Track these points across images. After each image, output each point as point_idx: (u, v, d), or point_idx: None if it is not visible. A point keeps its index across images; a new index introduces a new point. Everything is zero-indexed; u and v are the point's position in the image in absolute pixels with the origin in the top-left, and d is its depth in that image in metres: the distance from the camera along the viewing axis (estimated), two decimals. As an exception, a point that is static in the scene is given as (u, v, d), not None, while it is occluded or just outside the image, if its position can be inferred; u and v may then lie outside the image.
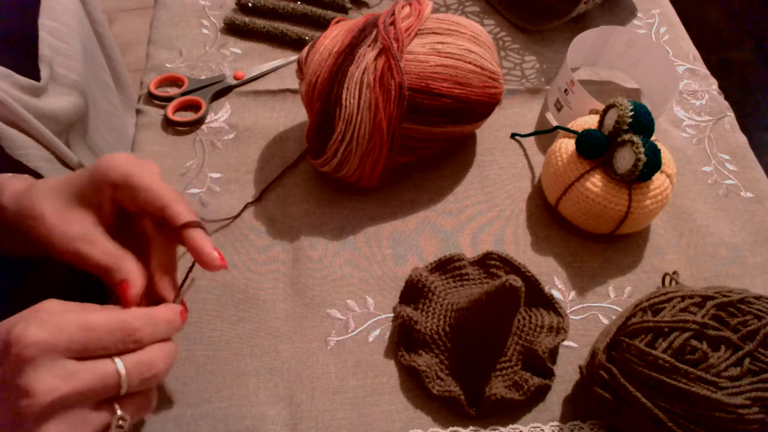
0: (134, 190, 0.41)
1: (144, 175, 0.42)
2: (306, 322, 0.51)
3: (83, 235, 0.41)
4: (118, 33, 1.70)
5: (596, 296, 0.54)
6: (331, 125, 0.52)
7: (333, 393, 0.48)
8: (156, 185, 0.42)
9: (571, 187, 0.54)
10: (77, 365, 0.33)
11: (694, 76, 0.70)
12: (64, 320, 0.33)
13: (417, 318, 0.49)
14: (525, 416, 0.47)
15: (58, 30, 0.61)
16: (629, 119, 0.51)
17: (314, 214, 0.57)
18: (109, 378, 0.34)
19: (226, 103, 0.64)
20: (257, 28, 0.69)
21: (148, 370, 0.36)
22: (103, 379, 0.34)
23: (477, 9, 0.75)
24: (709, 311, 0.43)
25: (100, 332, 0.34)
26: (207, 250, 0.42)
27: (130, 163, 0.42)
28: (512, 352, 0.48)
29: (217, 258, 0.42)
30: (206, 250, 0.42)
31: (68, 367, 0.33)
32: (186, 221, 0.42)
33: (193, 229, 0.42)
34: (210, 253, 0.42)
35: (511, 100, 0.66)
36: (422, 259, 0.55)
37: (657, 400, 0.41)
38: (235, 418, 0.46)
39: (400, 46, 0.52)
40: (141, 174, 0.42)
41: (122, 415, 0.36)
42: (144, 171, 0.42)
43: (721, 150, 0.64)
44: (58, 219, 0.41)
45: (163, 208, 0.42)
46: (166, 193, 0.42)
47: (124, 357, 0.35)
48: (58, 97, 0.59)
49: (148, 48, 0.68)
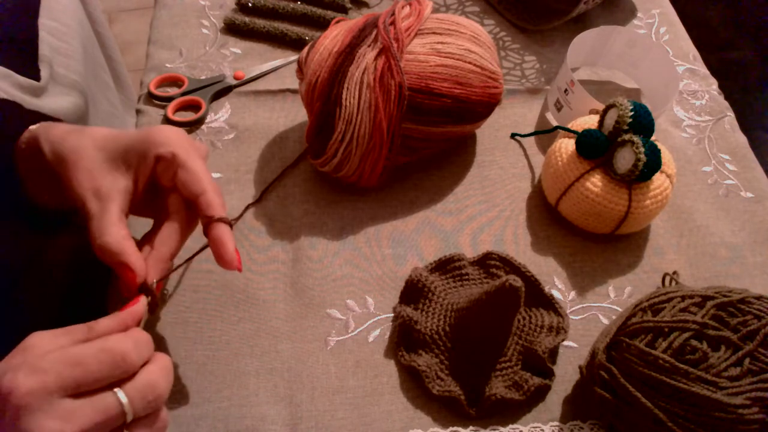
0: (177, 168, 0.42)
1: (191, 156, 0.42)
2: (306, 322, 0.51)
3: (99, 189, 0.41)
4: (118, 33, 1.70)
5: (596, 296, 0.54)
6: (331, 125, 0.52)
7: (333, 393, 0.48)
8: (199, 170, 0.42)
9: (571, 187, 0.54)
10: (76, 403, 0.32)
11: (694, 76, 0.70)
12: (51, 360, 0.32)
13: (417, 318, 0.49)
14: (525, 416, 0.47)
15: (58, 30, 0.61)
16: (629, 119, 0.51)
17: (314, 214, 0.57)
18: (112, 409, 0.33)
19: (226, 103, 0.64)
20: (257, 28, 0.69)
21: (151, 392, 0.35)
22: (106, 412, 0.33)
23: (477, 9, 0.75)
24: (709, 311, 0.43)
25: (89, 365, 0.33)
26: (229, 249, 0.42)
27: (181, 140, 0.43)
28: (512, 352, 0.48)
29: (235, 259, 0.42)
30: (228, 248, 0.42)
31: (67, 407, 0.32)
32: (218, 215, 0.42)
33: (221, 224, 0.42)
34: (231, 252, 0.42)
35: (511, 100, 0.66)
36: (422, 259, 0.55)
37: (657, 400, 0.41)
38: (235, 418, 0.46)
39: (400, 46, 0.52)
40: (188, 154, 0.42)
41: None
42: (191, 152, 0.43)
43: (721, 150, 0.64)
44: (87, 167, 0.41)
45: (200, 195, 0.42)
46: (206, 180, 0.42)
47: (124, 385, 0.34)
48: (58, 97, 0.59)
49: (148, 48, 0.68)
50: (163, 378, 0.36)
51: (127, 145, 0.43)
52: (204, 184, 0.42)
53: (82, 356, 0.33)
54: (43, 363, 0.32)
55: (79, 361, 0.33)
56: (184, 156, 0.42)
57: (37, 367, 0.32)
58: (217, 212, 0.42)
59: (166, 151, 0.42)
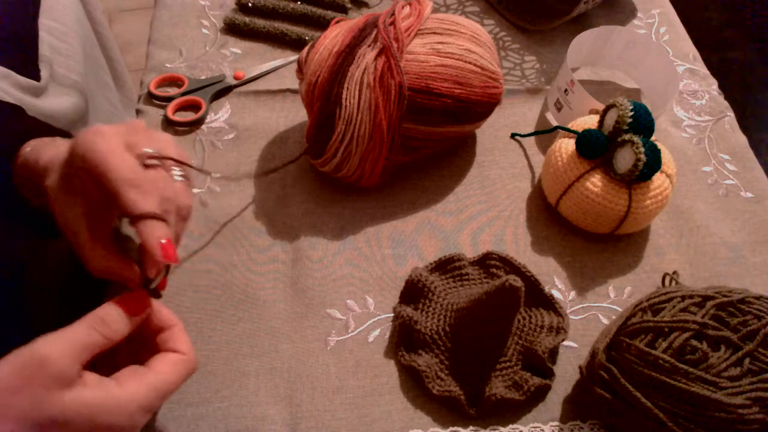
0: (89, 170, 0.36)
1: (101, 152, 0.35)
2: (306, 322, 0.51)
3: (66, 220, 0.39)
4: (118, 33, 1.70)
5: (596, 296, 0.54)
6: (331, 125, 0.52)
7: (333, 393, 0.48)
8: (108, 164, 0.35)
9: (571, 187, 0.54)
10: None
11: (694, 76, 0.70)
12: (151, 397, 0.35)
13: (417, 318, 0.49)
14: (525, 416, 0.47)
15: (58, 30, 0.61)
16: (629, 119, 0.51)
17: (314, 214, 0.57)
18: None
19: (226, 103, 0.64)
20: (257, 28, 0.69)
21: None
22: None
23: (477, 9, 0.75)
24: (709, 311, 0.43)
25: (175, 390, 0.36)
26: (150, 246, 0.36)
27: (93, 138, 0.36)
28: (512, 352, 0.48)
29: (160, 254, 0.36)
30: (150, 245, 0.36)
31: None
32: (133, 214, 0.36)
33: (144, 221, 0.36)
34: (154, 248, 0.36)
35: (511, 100, 0.66)
36: (422, 259, 0.55)
37: (657, 400, 0.41)
38: (235, 418, 0.46)
39: (400, 46, 0.52)
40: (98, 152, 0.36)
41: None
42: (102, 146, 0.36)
43: (721, 150, 0.64)
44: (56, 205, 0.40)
45: (115, 195, 0.36)
46: (118, 174, 0.35)
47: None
48: (58, 97, 0.59)
49: (148, 48, 0.68)
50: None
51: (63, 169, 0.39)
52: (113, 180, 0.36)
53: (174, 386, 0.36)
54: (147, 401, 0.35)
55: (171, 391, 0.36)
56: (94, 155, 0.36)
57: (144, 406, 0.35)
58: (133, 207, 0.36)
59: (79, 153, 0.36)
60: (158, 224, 0.37)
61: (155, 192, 0.37)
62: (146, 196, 0.36)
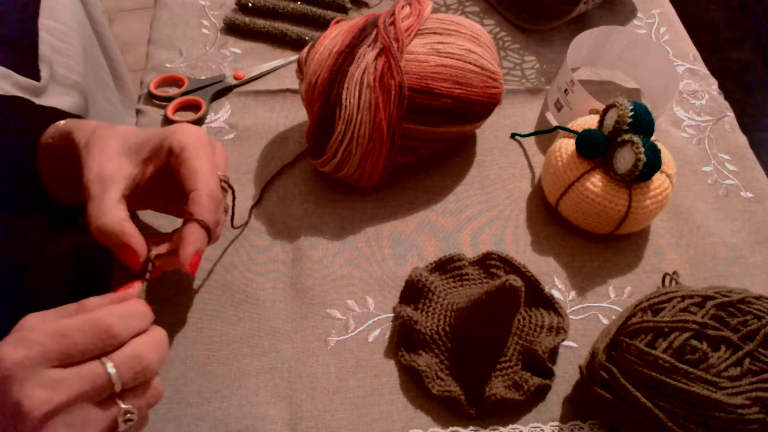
0: (181, 163, 0.43)
1: (198, 154, 0.43)
2: (306, 322, 0.51)
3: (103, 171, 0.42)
4: (118, 33, 1.70)
5: (596, 296, 0.54)
6: (331, 125, 0.52)
7: (333, 393, 0.48)
8: (200, 168, 0.43)
9: (571, 187, 0.54)
10: (63, 372, 0.33)
11: (694, 76, 0.70)
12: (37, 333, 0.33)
13: (417, 318, 0.49)
14: (525, 416, 0.47)
15: (58, 30, 0.61)
16: (629, 119, 0.51)
17: (314, 214, 0.57)
18: (99, 378, 0.34)
19: (226, 103, 0.64)
20: (257, 28, 0.69)
21: (138, 363, 0.35)
22: (93, 381, 0.34)
23: (477, 9, 0.75)
24: (709, 311, 0.43)
25: (74, 336, 0.34)
26: (186, 249, 0.42)
27: (194, 137, 0.44)
28: (512, 352, 0.48)
29: (188, 261, 0.42)
30: (186, 248, 0.42)
31: (54, 376, 0.33)
32: (197, 214, 0.42)
33: (194, 224, 0.42)
34: (186, 253, 0.42)
35: (511, 100, 0.66)
36: (422, 259, 0.55)
37: (657, 400, 0.41)
38: (235, 418, 0.46)
39: (400, 46, 0.52)
40: (196, 152, 0.43)
41: (128, 408, 0.35)
42: (200, 150, 0.43)
43: (721, 150, 0.64)
44: (101, 155, 0.42)
45: (191, 191, 0.42)
46: (203, 180, 0.42)
47: (111, 355, 0.35)
48: (58, 97, 0.59)
49: (148, 48, 0.68)
50: (153, 349, 0.37)
51: (146, 138, 0.44)
52: (198, 183, 0.42)
53: (67, 328, 0.34)
54: (30, 335, 0.33)
55: (63, 333, 0.33)
56: (190, 152, 0.43)
57: (23, 339, 0.33)
58: (197, 212, 0.42)
59: (177, 144, 0.43)
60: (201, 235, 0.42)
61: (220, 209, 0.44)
62: (213, 210, 0.43)
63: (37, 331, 0.33)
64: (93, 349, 0.34)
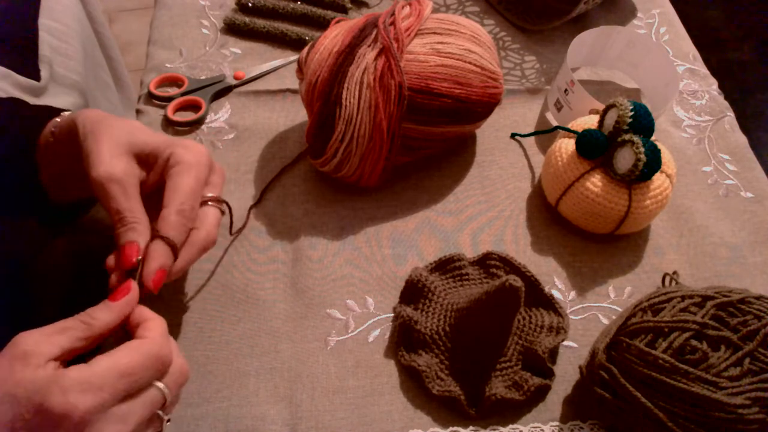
0: (167, 179, 0.43)
1: (188, 173, 0.43)
2: (306, 322, 0.51)
3: (120, 178, 0.41)
4: (118, 33, 1.70)
5: (596, 296, 0.54)
6: (331, 125, 0.52)
7: (333, 393, 0.48)
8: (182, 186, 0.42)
9: (571, 187, 0.54)
10: (129, 405, 0.35)
11: (694, 76, 0.70)
12: (102, 376, 0.34)
13: (417, 318, 0.49)
14: (525, 416, 0.47)
15: (58, 30, 0.61)
16: (629, 119, 0.51)
17: (314, 214, 0.57)
18: (157, 401, 0.37)
19: (226, 103, 0.64)
20: (257, 28, 0.69)
21: (183, 377, 0.39)
22: (153, 405, 0.36)
23: (477, 9, 0.75)
24: (709, 311, 0.43)
25: (138, 374, 0.35)
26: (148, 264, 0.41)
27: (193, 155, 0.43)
28: (512, 352, 0.48)
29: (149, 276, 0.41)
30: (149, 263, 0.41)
31: (122, 411, 0.34)
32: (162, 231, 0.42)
33: (156, 240, 0.42)
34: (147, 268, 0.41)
35: (511, 100, 0.66)
36: (422, 259, 0.55)
37: (657, 400, 0.41)
38: (235, 418, 0.46)
39: (400, 46, 0.52)
40: (187, 170, 0.43)
41: (167, 417, 0.38)
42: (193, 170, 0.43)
43: (721, 150, 0.64)
44: (109, 151, 0.42)
45: (163, 207, 0.42)
46: (180, 198, 0.42)
47: (164, 379, 0.37)
48: (58, 97, 0.59)
49: (148, 48, 0.68)
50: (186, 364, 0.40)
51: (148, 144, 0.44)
52: (171, 199, 0.42)
53: (130, 367, 0.35)
54: (95, 380, 0.34)
55: (129, 372, 0.35)
56: (181, 168, 0.43)
57: (90, 384, 0.33)
58: (162, 229, 0.42)
59: (174, 158, 0.43)
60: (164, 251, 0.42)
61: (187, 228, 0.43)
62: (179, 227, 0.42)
63: (101, 374, 0.34)
64: (151, 381, 0.36)
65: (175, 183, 0.42)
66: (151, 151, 0.44)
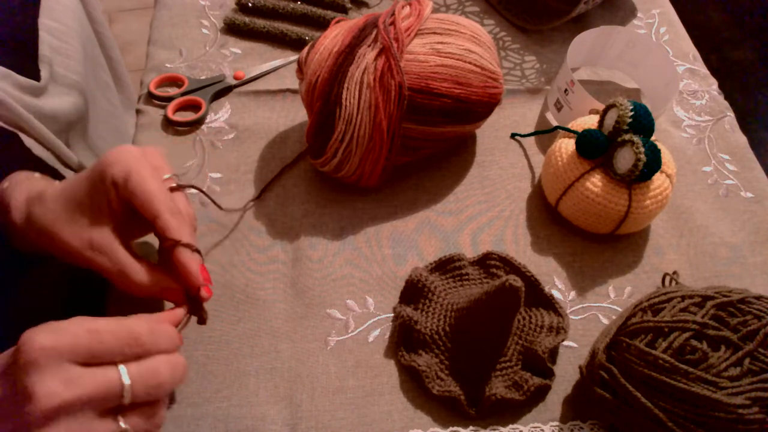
0: (130, 193, 0.41)
1: (142, 178, 0.41)
2: (306, 322, 0.51)
3: (92, 243, 0.41)
4: (118, 33, 1.70)
5: (596, 296, 0.54)
6: (331, 125, 0.52)
7: (333, 393, 0.48)
8: (151, 191, 0.41)
9: (571, 187, 0.54)
10: (81, 371, 0.33)
11: (694, 76, 0.70)
12: (71, 325, 0.33)
13: (417, 318, 0.49)
14: (525, 416, 0.47)
15: (58, 30, 0.61)
16: (629, 119, 0.51)
17: (314, 214, 0.57)
18: (113, 385, 0.34)
19: (226, 103, 0.64)
20: (257, 28, 0.69)
21: (153, 378, 0.35)
22: (106, 386, 0.33)
23: (477, 9, 0.75)
24: (709, 311, 0.43)
25: (105, 336, 0.34)
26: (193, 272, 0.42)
27: (131, 160, 0.41)
28: (512, 352, 0.48)
29: (200, 278, 0.42)
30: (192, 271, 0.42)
31: (72, 373, 0.32)
32: (176, 238, 0.41)
33: (180, 248, 0.42)
34: (195, 274, 0.42)
35: (511, 100, 0.66)
36: (422, 259, 0.55)
37: (657, 400, 0.41)
38: (235, 418, 0.46)
39: (400, 46, 0.52)
40: (140, 177, 0.41)
41: (126, 428, 0.35)
42: (143, 172, 0.41)
43: (721, 150, 0.64)
44: (66, 231, 0.41)
45: (154, 219, 0.41)
46: (159, 202, 0.41)
47: (128, 364, 0.35)
48: (58, 97, 0.58)
49: (148, 48, 0.68)
50: (170, 370, 0.37)
51: (81, 189, 0.42)
52: (155, 207, 0.41)
53: (99, 327, 0.34)
54: (65, 325, 0.33)
55: (95, 330, 0.34)
56: (135, 177, 0.41)
57: (58, 327, 0.33)
58: (175, 235, 0.41)
59: (118, 175, 0.41)
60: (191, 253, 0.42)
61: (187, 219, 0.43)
62: (184, 225, 0.42)
63: (74, 324, 0.33)
64: (117, 354, 0.34)
65: (140, 193, 0.41)
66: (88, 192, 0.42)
